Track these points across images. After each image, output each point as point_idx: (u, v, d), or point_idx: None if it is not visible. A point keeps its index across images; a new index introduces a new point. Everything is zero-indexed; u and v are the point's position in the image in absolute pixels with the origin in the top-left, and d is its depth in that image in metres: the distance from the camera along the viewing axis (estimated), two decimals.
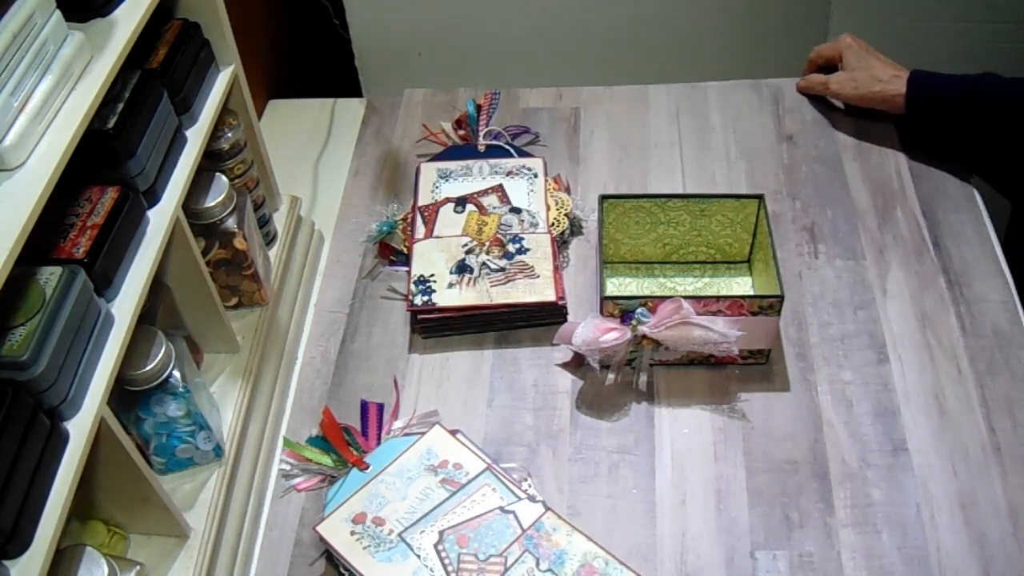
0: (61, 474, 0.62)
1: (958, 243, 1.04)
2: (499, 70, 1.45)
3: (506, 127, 1.18)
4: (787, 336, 0.96)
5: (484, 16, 1.39)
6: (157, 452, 0.81)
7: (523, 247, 1.01)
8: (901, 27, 1.40)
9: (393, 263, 1.06)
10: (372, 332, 1.00)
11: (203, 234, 0.87)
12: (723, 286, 1.01)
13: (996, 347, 0.94)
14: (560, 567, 0.78)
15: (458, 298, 0.97)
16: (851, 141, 1.17)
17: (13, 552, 0.59)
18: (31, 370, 0.61)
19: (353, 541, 0.80)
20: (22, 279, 0.64)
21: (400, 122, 1.24)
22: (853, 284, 1.01)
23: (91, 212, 0.71)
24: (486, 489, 0.83)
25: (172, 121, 0.80)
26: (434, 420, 0.90)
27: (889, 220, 1.07)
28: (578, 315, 0.98)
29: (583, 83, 1.27)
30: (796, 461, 0.87)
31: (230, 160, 0.94)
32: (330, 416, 0.90)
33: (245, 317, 0.96)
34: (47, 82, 0.64)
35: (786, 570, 0.80)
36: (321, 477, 0.88)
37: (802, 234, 1.06)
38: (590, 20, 1.40)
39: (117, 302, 0.71)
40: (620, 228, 1.00)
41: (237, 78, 0.92)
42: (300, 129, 1.30)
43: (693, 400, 0.92)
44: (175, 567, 0.78)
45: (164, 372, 0.76)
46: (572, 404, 0.93)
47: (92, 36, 0.69)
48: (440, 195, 1.07)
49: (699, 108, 1.23)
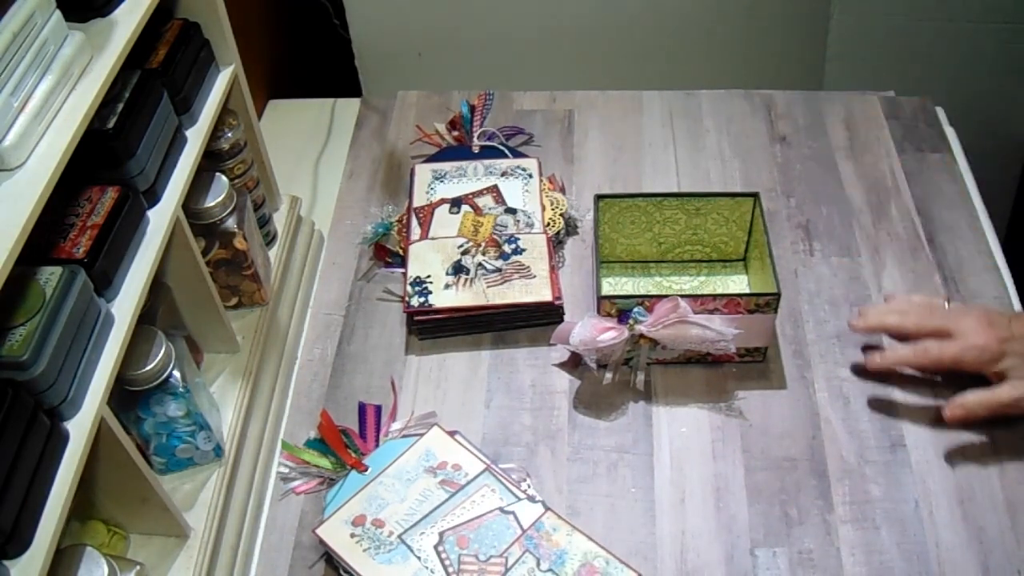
0: (61, 474, 0.62)
1: (953, 240, 1.05)
2: (499, 70, 1.45)
3: (500, 128, 1.18)
4: (784, 334, 0.97)
5: (484, 17, 1.39)
6: (157, 452, 0.81)
7: (519, 247, 1.01)
8: (901, 27, 1.41)
9: (389, 265, 1.06)
10: (369, 334, 1.00)
11: (203, 234, 0.87)
12: (719, 284, 1.01)
13: None
14: (561, 567, 0.78)
15: (455, 299, 0.97)
16: (844, 141, 1.17)
17: (13, 552, 0.59)
18: (31, 370, 0.60)
19: (353, 543, 0.80)
20: (22, 279, 0.64)
21: (394, 124, 1.24)
22: (849, 281, 1.01)
23: (91, 212, 0.71)
24: (485, 490, 0.83)
25: (172, 121, 0.80)
26: (432, 421, 0.90)
27: (884, 217, 1.08)
28: (575, 315, 0.98)
29: (580, 89, 1.27)
30: (794, 458, 0.87)
31: (230, 160, 0.94)
32: (328, 419, 0.90)
33: (245, 317, 0.96)
34: (47, 82, 0.64)
35: (786, 567, 0.80)
36: (320, 480, 0.88)
37: (797, 232, 1.07)
38: (591, 25, 1.40)
39: (117, 302, 0.71)
40: (616, 227, 1.01)
41: (237, 78, 0.92)
42: (300, 129, 1.30)
43: (691, 399, 0.92)
44: (175, 567, 0.78)
45: (164, 372, 0.76)
46: (570, 404, 0.93)
47: (92, 36, 0.69)
48: (435, 196, 1.08)
49: (692, 112, 1.23)
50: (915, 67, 1.45)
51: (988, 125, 1.48)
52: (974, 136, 1.23)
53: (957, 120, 1.22)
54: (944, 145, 1.17)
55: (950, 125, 1.21)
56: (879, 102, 1.23)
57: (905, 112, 1.21)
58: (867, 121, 1.20)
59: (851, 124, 1.20)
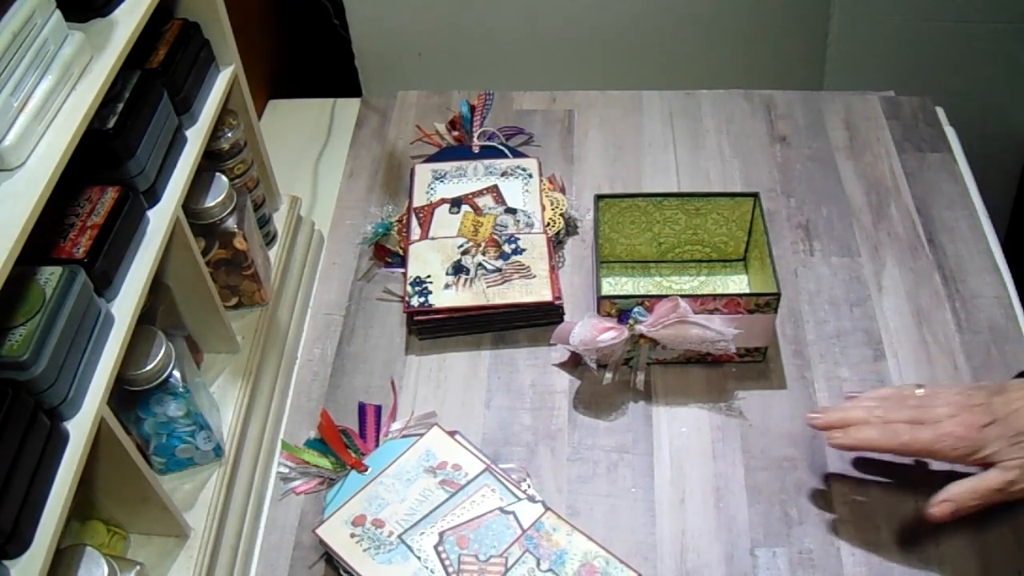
0: (61, 474, 0.62)
1: (953, 239, 1.05)
2: (499, 70, 1.45)
3: (500, 128, 1.18)
4: (784, 334, 0.97)
5: (484, 17, 1.39)
6: (157, 452, 0.81)
7: (519, 247, 1.01)
8: (901, 27, 1.41)
9: (389, 265, 1.06)
10: (369, 334, 1.00)
11: (203, 234, 0.87)
12: (719, 284, 1.01)
13: (992, 343, 0.94)
14: (561, 567, 0.78)
15: (454, 299, 0.97)
16: (844, 141, 1.17)
17: (13, 552, 0.59)
18: (31, 370, 0.61)
19: (353, 543, 0.80)
20: (22, 279, 0.64)
21: (394, 124, 1.24)
22: (849, 281, 1.01)
23: (91, 212, 0.71)
24: (485, 490, 0.83)
25: (172, 121, 0.80)
26: (432, 421, 0.90)
27: (883, 217, 1.08)
28: (575, 315, 0.98)
29: (580, 89, 1.27)
30: (794, 458, 0.87)
31: (230, 160, 0.94)
32: (328, 419, 0.90)
33: (245, 317, 0.96)
34: (47, 82, 0.64)
35: (786, 567, 0.80)
36: (320, 480, 0.88)
37: (797, 232, 1.07)
38: (591, 25, 1.40)
39: (117, 302, 0.71)
40: (616, 227, 1.01)
41: (237, 78, 0.92)
42: (300, 129, 1.30)
43: (691, 398, 0.92)
44: (175, 567, 0.78)
45: (164, 372, 0.76)
46: (570, 404, 0.93)
47: (92, 36, 0.69)
48: (435, 196, 1.08)
49: (692, 112, 1.23)
50: (915, 67, 1.45)
51: (988, 125, 1.48)
52: (974, 136, 1.23)
53: (957, 120, 1.22)
54: (944, 145, 1.17)
55: (950, 125, 1.21)
56: (879, 102, 1.23)
57: (905, 112, 1.21)
58: (867, 121, 1.20)
59: (851, 124, 1.20)
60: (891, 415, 0.79)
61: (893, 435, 0.78)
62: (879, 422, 0.79)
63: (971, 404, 0.77)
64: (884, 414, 0.79)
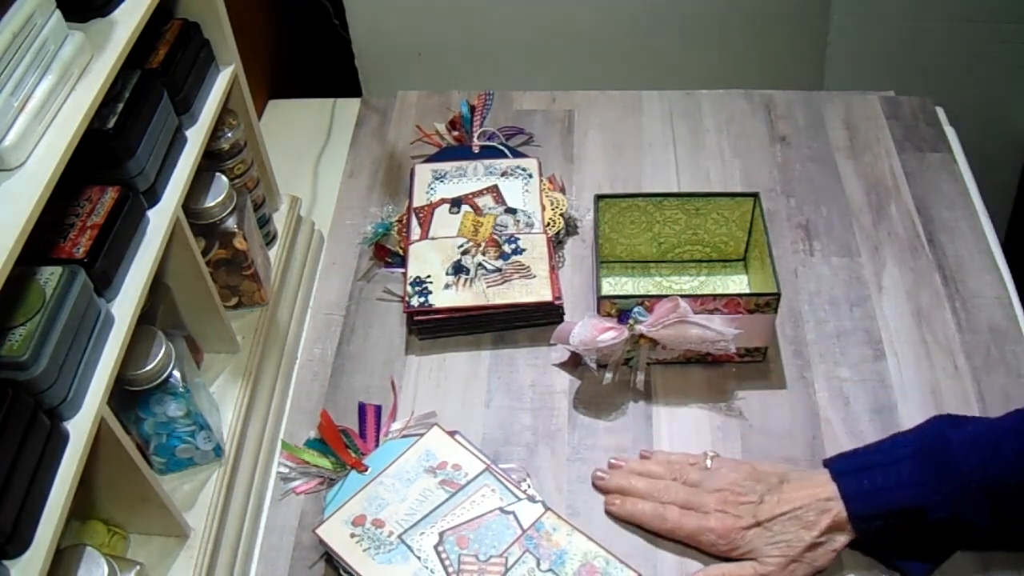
0: (61, 474, 0.62)
1: (953, 239, 1.05)
2: (499, 70, 1.45)
3: (500, 128, 1.18)
4: (784, 334, 0.97)
5: (484, 17, 1.39)
6: (157, 452, 0.81)
7: (519, 247, 1.01)
8: (901, 27, 1.41)
9: (389, 265, 1.06)
10: (369, 334, 1.00)
11: (203, 234, 0.87)
12: (719, 284, 1.01)
13: (992, 343, 0.94)
14: (561, 567, 0.78)
15: (455, 299, 0.97)
16: (844, 141, 1.17)
17: (13, 552, 0.59)
18: (31, 370, 0.61)
19: (353, 543, 0.80)
20: (22, 279, 0.64)
21: (394, 124, 1.24)
22: (849, 281, 1.01)
23: (91, 212, 0.71)
24: (485, 490, 0.83)
25: (172, 121, 0.80)
26: (432, 421, 0.90)
27: (883, 217, 1.08)
28: (575, 315, 0.98)
29: (580, 89, 1.27)
30: (794, 458, 0.87)
31: (230, 160, 0.94)
32: (328, 419, 0.89)
33: (245, 317, 0.96)
34: (47, 82, 0.64)
35: None
36: (320, 480, 0.88)
37: (797, 232, 1.07)
38: (591, 25, 1.40)
39: (117, 302, 0.71)
40: (616, 227, 1.01)
41: (237, 78, 0.92)
42: (300, 129, 1.30)
43: (691, 398, 0.92)
44: (175, 567, 0.78)
45: (164, 372, 0.76)
46: (570, 404, 0.93)
47: (92, 36, 0.69)
48: (435, 196, 1.08)
49: (692, 112, 1.23)
50: (915, 67, 1.45)
51: (988, 125, 1.48)
52: (974, 136, 1.23)
53: (957, 120, 1.22)
54: (944, 145, 1.17)
55: (950, 125, 1.21)
56: (879, 102, 1.23)
57: (905, 112, 1.21)
58: (867, 121, 1.20)
59: (851, 124, 1.20)
60: (667, 494, 0.82)
61: (661, 519, 0.81)
62: (654, 500, 0.82)
63: (740, 501, 0.79)
64: (662, 490, 0.82)
